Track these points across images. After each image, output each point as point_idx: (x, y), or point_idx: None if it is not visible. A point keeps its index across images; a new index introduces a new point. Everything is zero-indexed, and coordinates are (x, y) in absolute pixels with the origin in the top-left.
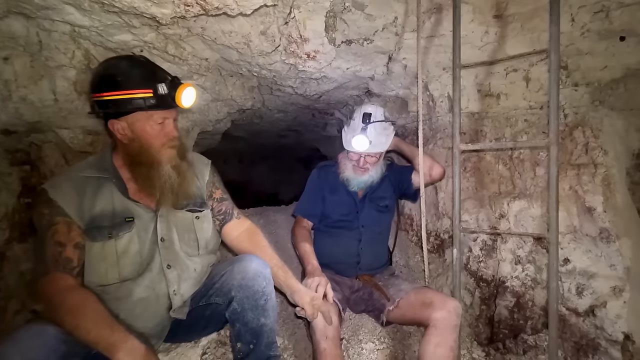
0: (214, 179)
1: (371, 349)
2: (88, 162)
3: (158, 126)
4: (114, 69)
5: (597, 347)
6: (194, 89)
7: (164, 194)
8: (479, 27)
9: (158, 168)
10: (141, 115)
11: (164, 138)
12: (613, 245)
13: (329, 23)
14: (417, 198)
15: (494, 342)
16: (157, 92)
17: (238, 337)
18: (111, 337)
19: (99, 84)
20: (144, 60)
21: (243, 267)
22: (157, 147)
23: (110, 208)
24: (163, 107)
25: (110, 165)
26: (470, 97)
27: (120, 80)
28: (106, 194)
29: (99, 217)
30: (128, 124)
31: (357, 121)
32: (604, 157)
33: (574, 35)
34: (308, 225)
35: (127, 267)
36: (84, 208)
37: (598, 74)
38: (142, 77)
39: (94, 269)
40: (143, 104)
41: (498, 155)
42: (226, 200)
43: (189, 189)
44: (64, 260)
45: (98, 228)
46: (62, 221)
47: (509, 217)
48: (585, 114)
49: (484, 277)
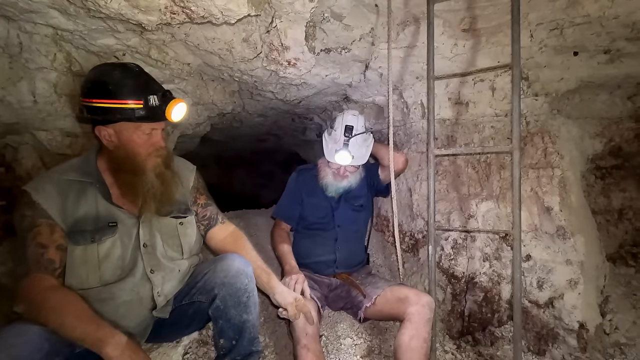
0: (199, 184)
1: (349, 344)
2: (71, 164)
3: (145, 136)
4: (107, 76)
5: (556, 336)
6: (185, 104)
7: (146, 201)
8: (448, 40)
9: (142, 176)
10: (129, 125)
11: (150, 148)
12: (569, 242)
13: (309, 32)
14: (389, 193)
15: (464, 335)
16: (148, 103)
17: (221, 333)
18: (97, 332)
19: (90, 90)
20: (137, 70)
21: (226, 265)
22: (143, 156)
23: (93, 212)
24: (152, 120)
25: (94, 169)
26: (442, 105)
27: (111, 88)
28: (90, 198)
29: (82, 220)
30: (115, 132)
31: (338, 132)
32: (560, 161)
33: (533, 49)
34: (286, 227)
35: (108, 271)
36: (67, 211)
37: (555, 85)
38: (134, 87)
39: (75, 273)
40: (132, 115)
41: (467, 160)
42: (210, 206)
43: (172, 196)
44: (46, 261)
45: (81, 232)
46: (44, 223)
47: (477, 217)
48: (545, 121)
49: (455, 274)
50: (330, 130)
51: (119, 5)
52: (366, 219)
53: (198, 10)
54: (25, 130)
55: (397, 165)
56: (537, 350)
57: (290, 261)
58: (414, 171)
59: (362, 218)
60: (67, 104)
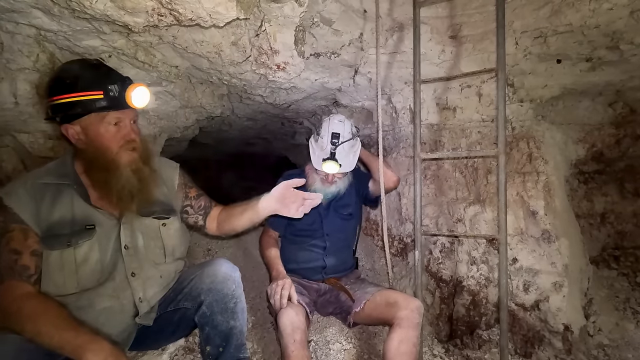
0: (185, 180)
1: (338, 349)
2: (47, 168)
3: (113, 128)
4: (66, 72)
5: (542, 338)
6: (146, 88)
7: (122, 199)
8: (436, 46)
9: (116, 172)
10: (94, 118)
11: (120, 140)
12: (553, 245)
13: (298, 37)
14: (377, 205)
15: (452, 338)
16: (109, 93)
17: (207, 340)
18: (76, 339)
19: (52, 88)
20: (96, 63)
21: (212, 271)
22: (114, 150)
23: (69, 215)
24: (115, 108)
25: (71, 171)
26: (429, 110)
27: (70, 82)
28: (65, 200)
29: (57, 224)
30: (82, 128)
31: (325, 140)
32: (545, 166)
33: (518, 57)
34: (275, 234)
35: (86, 276)
36: (41, 215)
37: (540, 92)
38: (93, 78)
39: (51, 279)
40: (93, 106)
41: (455, 164)
42: (202, 195)
43: (152, 194)
44: (20, 268)
45: (56, 236)
46: (17, 228)
47: (465, 221)
48: (530, 127)
49: (443, 278)
50: (317, 137)
51: (105, 7)
52: (355, 226)
53: (186, 12)
54: (6, 132)
55: (388, 184)
56: (524, 352)
57: (278, 267)
58: (402, 175)
59: (351, 226)
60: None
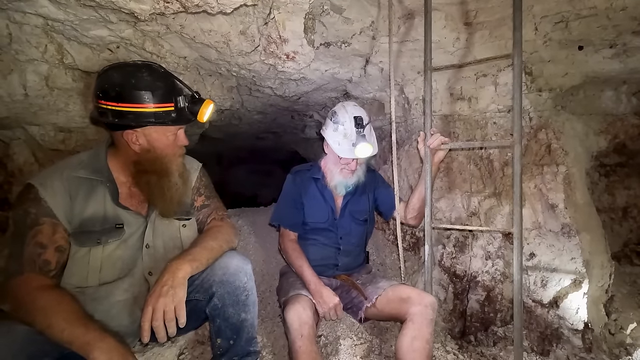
0: (200, 184)
1: (349, 345)
2: (80, 160)
3: (173, 137)
4: (135, 79)
5: (560, 336)
6: (214, 104)
7: (170, 202)
8: (450, 34)
9: (168, 177)
10: (159, 127)
11: (176, 148)
12: (574, 240)
13: (308, 25)
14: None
15: (466, 335)
16: (178, 105)
17: (218, 332)
18: (85, 335)
19: (118, 94)
20: (163, 72)
21: (224, 263)
22: (170, 157)
23: (101, 213)
24: (184, 122)
25: (105, 167)
26: (443, 100)
27: (142, 94)
28: (98, 197)
29: (89, 221)
30: (145, 135)
31: (348, 126)
32: (564, 158)
33: (537, 43)
34: (294, 236)
35: (108, 272)
36: (75, 211)
37: (559, 81)
38: (165, 91)
39: (75, 272)
40: (167, 119)
41: (469, 156)
42: (205, 207)
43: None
44: (41, 262)
45: (87, 233)
46: (48, 222)
47: (480, 215)
48: (549, 117)
49: (457, 273)
50: (336, 125)
51: None
52: (370, 229)
53: None
54: (16, 125)
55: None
56: (540, 350)
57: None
58: (414, 168)
59: (365, 230)
60: (60, 97)
